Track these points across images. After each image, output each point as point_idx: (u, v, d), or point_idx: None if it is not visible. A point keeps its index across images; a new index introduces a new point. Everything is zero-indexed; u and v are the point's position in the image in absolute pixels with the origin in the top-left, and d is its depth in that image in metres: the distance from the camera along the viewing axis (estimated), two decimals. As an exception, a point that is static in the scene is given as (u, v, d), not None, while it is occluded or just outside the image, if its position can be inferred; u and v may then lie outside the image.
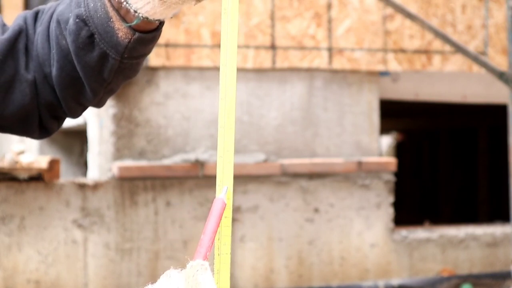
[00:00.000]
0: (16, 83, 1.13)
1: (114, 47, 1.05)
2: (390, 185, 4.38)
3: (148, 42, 1.06)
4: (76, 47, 1.06)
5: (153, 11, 1.01)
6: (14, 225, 3.75)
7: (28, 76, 1.13)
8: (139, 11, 1.01)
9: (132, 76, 1.13)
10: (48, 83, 1.13)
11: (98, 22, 1.04)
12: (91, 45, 1.06)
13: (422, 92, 4.78)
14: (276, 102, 4.27)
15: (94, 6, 1.04)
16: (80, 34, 1.05)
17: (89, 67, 1.07)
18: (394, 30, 4.49)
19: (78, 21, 1.05)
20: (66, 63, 1.09)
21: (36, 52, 1.13)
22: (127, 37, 1.04)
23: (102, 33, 1.04)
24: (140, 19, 1.01)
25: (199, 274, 0.72)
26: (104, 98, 1.15)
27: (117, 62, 1.06)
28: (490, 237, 4.57)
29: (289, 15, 4.30)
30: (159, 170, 3.96)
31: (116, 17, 1.03)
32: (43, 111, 1.16)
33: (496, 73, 3.69)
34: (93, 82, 1.09)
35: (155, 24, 1.05)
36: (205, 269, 0.72)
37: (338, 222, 4.27)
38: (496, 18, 4.72)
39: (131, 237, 3.93)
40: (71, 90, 1.12)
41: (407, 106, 5.80)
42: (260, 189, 4.14)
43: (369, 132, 4.42)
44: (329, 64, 4.34)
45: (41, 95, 1.14)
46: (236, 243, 4.10)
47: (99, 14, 1.04)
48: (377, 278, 4.33)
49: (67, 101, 1.14)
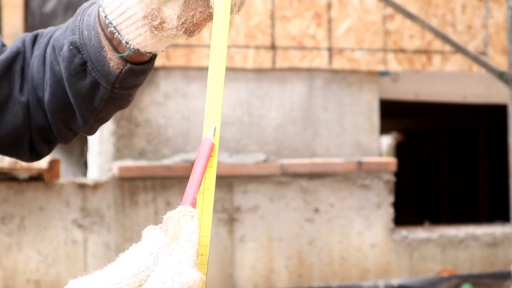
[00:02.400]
0: (9, 104, 1.14)
1: (105, 76, 1.06)
2: (390, 185, 4.38)
3: (139, 73, 1.07)
4: (69, 73, 1.07)
5: (144, 43, 1.02)
6: (14, 225, 3.75)
7: (22, 98, 1.14)
8: (130, 43, 1.02)
9: (123, 106, 1.14)
10: (41, 107, 1.14)
11: (91, 50, 1.05)
12: (83, 72, 1.07)
13: (422, 92, 4.78)
14: (276, 102, 4.27)
15: (88, 34, 1.05)
16: (73, 61, 1.07)
17: (80, 94, 1.08)
18: (394, 30, 4.49)
19: (72, 48, 1.06)
20: (59, 89, 1.10)
21: (31, 75, 1.14)
22: (119, 67, 1.05)
23: (94, 61, 1.05)
24: (131, 51, 1.03)
25: (185, 219, 0.72)
26: (94, 126, 1.16)
27: (108, 91, 1.07)
28: (490, 237, 4.57)
29: (289, 15, 4.30)
30: (159, 170, 3.96)
31: (109, 47, 1.04)
32: (34, 134, 1.16)
33: (496, 73, 3.69)
34: (83, 110, 1.10)
35: (147, 57, 1.06)
36: (191, 216, 0.72)
37: (338, 222, 4.27)
38: (496, 18, 4.72)
39: (131, 237, 3.93)
40: (62, 115, 1.13)
41: (407, 106, 5.80)
42: (260, 189, 4.14)
43: (369, 132, 4.42)
44: (329, 64, 4.35)
45: (33, 118, 1.15)
46: (236, 243, 4.10)
47: (93, 42, 1.05)
48: (377, 278, 4.33)
49: (58, 127, 1.14)
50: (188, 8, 0.98)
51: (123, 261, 0.71)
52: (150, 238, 0.72)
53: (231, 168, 4.06)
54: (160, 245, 0.71)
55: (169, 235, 0.71)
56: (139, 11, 0.99)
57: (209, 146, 0.79)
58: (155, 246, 0.72)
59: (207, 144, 0.79)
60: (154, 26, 0.99)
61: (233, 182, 4.10)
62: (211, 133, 0.81)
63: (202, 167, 0.77)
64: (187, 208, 0.72)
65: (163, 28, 0.99)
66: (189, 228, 0.71)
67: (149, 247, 0.72)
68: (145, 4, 0.98)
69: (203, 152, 0.78)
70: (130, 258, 0.71)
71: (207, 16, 0.99)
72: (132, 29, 1.01)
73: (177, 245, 0.70)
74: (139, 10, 0.99)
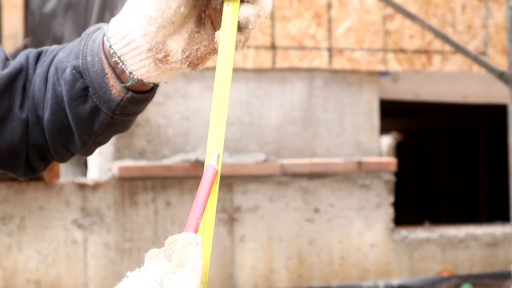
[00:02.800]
0: (8, 120, 1.14)
1: (106, 103, 1.06)
2: (390, 185, 4.38)
3: (140, 102, 1.08)
4: (70, 97, 1.08)
5: (148, 74, 1.02)
6: (14, 225, 3.75)
7: (21, 115, 1.14)
8: (134, 73, 1.02)
9: (122, 131, 1.15)
10: (40, 125, 1.15)
11: (93, 76, 1.06)
12: (84, 97, 1.07)
13: (422, 92, 4.78)
14: (276, 102, 4.27)
15: (92, 60, 1.06)
16: (75, 85, 1.07)
17: (80, 118, 1.09)
18: (394, 30, 4.49)
19: (74, 72, 1.07)
20: (59, 110, 1.11)
21: (33, 93, 1.14)
22: (120, 95, 1.05)
23: (96, 87, 1.06)
24: (135, 81, 1.03)
25: (190, 247, 0.73)
26: (92, 148, 1.17)
27: (108, 117, 1.08)
28: (490, 237, 4.57)
29: (289, 15, 4.30)
30: (159, 170, 3.96)
31: (112, 74, 1.04)
32: (31, 151, 1.17)
33: (496, 73, 3.69)
34: (82, 133, 1.11)
35: (150, 86, 1.07)
36: (196, 244, 0.73)
37: (338, 222, 4.27)
38: (496, 18, 4.72)
39: (131, 237, 3.93)
40: (61, 136, 1.14)
41: (407, 106, 5.80)
42: (260, 189, 4.14)
43: (369, 132, 4.42)
44: (329, 64, 4.34)
45: (31, 136, 1.15)
46: (236, 243, 4.10)
47: (96, 68, 1.05)
48: (377, 278, 4.33)
49: (56, 146, 1.15)
50: (193, 42, 0.98)
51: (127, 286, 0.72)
52: (155, 264, 0.73)
53: (231, 168, 4.06)
54: (165, 272, 0.72)
55: (173, 262, 0.72)
56: (144, 44, 0.99)
57: (213, 173, 0.79)
58: (160, 273, 0.72)
59: (211, 171, 0.79)
60: (158, 58, 0.99)
61: (233, 182, 4.10)
62: (214, 160, 0.81)
63: (206, 193, 0.77)
64: (191, 235, 0.73)
65: (167, 61, 1.00)
66: (194, 256, 0.72)
67: (153, 274, 0.72)
68: (150, 37, 0.98)
69: (206, 179, 0.78)
70: (134, 284, 0.72)
71: (212, 50, 0.99)
72: (136, 61, 1.01)
73: (182, 273, 0.71)
74: (144, 42, 0.99)
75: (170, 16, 0.95)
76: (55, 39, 5.25)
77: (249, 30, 0.94)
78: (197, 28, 0.98)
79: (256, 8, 0.93)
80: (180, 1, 0.94)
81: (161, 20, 0.96)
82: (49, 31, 5.36)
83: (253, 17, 0.93)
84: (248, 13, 0.93)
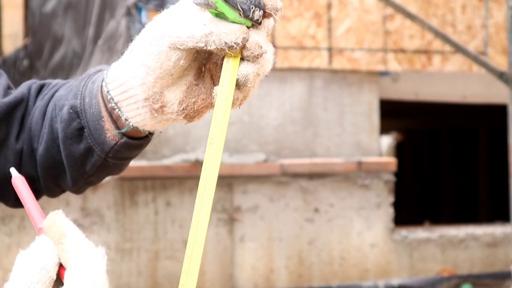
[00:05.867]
0: (3, 149, 1.14)
1: (100, 145, 1.07)
2: (390, 185, 4.38)
3: (134, 148, 1.08)
4: (65, 135, 1.09)
5: (143, 123, 1.02)
6: (14, 225, 3.75)
7: (16, 145, 1.14)
8: (130, 120, 1.02)
9: (114, 174, 1.16)
10: (33, 158, 1.15)
11: (90, 117, 1.06)
12: (79, 137, 1.08)
13: (422, 92, 4.78)
14: (276, 102, 4.27)
15: (89, 101, 1.06)
16: (71, 125, 1.08)
17: (73, 157, 1.09)
18: (394, 30, 4.49)
19: (71, 111, 1.07)
20: (54, 146, 1.11)
21: (30, 125, 1.15)
22: (115, 139, 1.06)
23: (92, 128, 1.06)
24: (130, 127, 1.04)
25: (58, 218, 0.76)
26: (83, 188, 1.18)
27: (101, 159, 1.08)
28: (490, 237, 4.57)
29: (289, 15, 4.30)
30: (159, 170, 3.96)
31: (108, 118, 1.05)
32: None
33: (496, 73, 3.69)
34: (74, 172, 1.12)
35: (144, 133, 1.07)
36: (60, 214, 0.77)
37: (338, 222, 4.27)
38: (496, 18, 4.72)
39: (131, 237, 3.93)
40: (53, 172, 1.14)
41: (407, 106, 5.80)
42: (260, 189, 4.14)
43: (369, 132, 4.42)
44: (329, 64, 4.35)
45: (23, 167, 1.16)
46: (236, 243, 4.10)
47: (93, 110, 1.06)
48: (377, 278, 4.33)
49: (46, 181, 1.16)
50: (191, 94, 0.98)
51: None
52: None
53: (231, 168, 4.06)
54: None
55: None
56: (141, 93, 0.99)
57: (22, 181, 0.82)
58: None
59: (18, 182, 0.82)
60: (154, 108, 0.99)
61: (233, 182, 4.10)
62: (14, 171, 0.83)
63: (29, 196, 0.80)
64: (53, 212, 0.78)
65: (163, 112, 0.99)
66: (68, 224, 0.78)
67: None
68: (147, 87, 0.98)
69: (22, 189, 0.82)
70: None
71: (209, 104, 0.98)
72: (133, 108, 1.01)
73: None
74: (140, 92, 0.99)
75: (169, 68, 0.95)
76: (55, 39, 5.25)
77: (247, 88, 0.94)
78: (196, 81, 0.98)
79: (256, 66, 0.93)
80: (180, 54, 0.94)
81: (160, 71, 0.95)
82: (49, 31, 5.36)
83: (252, 76, 0.93)
84: (248, 71, 0.92)
